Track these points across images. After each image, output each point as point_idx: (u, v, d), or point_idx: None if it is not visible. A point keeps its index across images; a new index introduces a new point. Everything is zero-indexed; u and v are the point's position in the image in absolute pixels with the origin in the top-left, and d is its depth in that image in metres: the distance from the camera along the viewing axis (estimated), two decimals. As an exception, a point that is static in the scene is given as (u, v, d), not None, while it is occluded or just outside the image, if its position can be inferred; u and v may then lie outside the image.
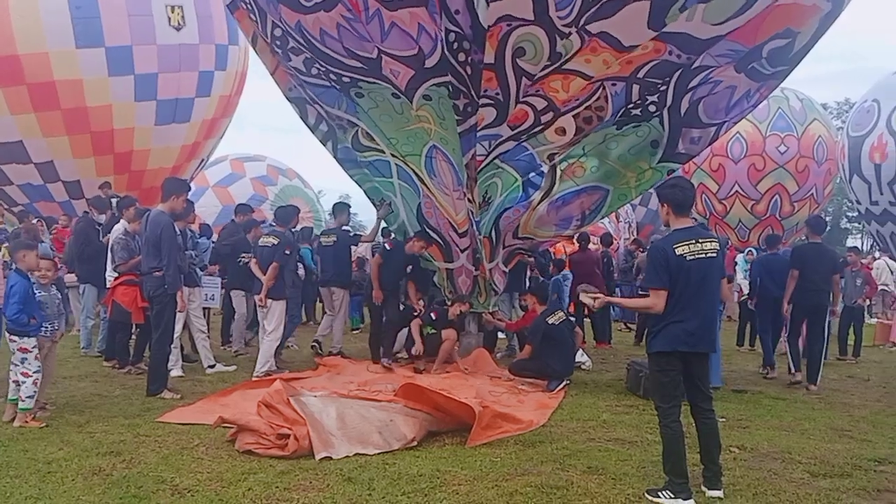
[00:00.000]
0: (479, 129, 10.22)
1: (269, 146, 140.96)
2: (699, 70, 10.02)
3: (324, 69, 10.78)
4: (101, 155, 17.87)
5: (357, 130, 11.60)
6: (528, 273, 14.37)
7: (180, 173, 19.12)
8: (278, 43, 11.00)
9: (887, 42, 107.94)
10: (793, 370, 11.71)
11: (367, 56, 10.14)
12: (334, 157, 12.50)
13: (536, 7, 8.86)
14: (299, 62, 11.04)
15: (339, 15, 9.73)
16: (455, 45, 9.31)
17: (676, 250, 5.96)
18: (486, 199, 11.57)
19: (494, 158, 11.01)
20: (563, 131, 10.59)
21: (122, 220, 11.22)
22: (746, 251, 19.47)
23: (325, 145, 12.43)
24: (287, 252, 11.15)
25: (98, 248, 12.16)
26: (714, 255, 6.04)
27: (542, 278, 14.44)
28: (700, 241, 6.01)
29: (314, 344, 12.94)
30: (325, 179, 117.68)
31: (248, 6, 10.99)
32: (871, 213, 23.95)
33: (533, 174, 11.62)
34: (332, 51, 10.33)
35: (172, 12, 17.35)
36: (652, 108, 10.60)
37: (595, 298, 6.85)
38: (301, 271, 12.96)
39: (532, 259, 13.84)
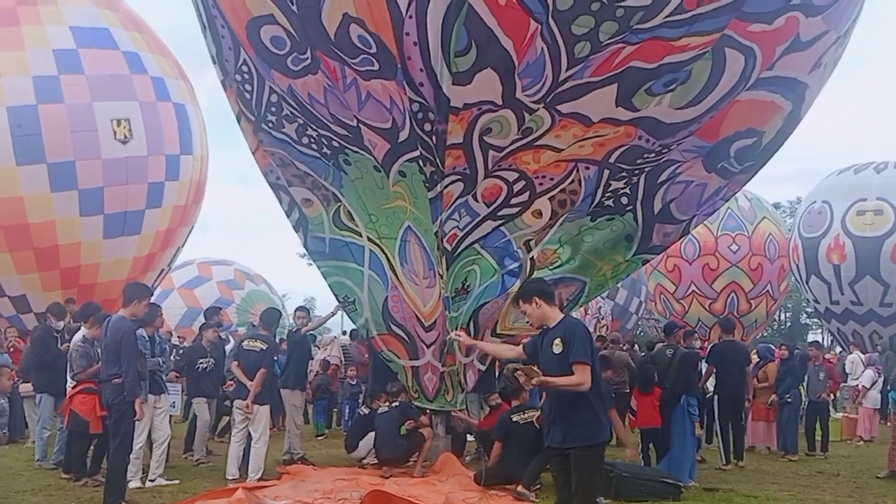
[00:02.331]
0: (449, 205, 10.26)
1: (235, 249, 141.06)
2: (668, 164, 10.29)
3: (315, 135, 10.85)
4: (46, 270, 17.47)
5: (340, 207, 11.56)
6: (497, 372, 14.08)
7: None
8: (273, 109, 11.02)
9: (836, 142, 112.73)
10: (723, 459, 12.87)
11: (350, 124, 10.29)
12: (304, 245, 12.44)
13: (505, 91, 8.99)
14: (292, 130, 11.08)
15: (323, 79, 9.93)
16: (420, 116, 9.43)
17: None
18: (466, 286, 11.40)
19: (473, 243, 10.92)
20: (539, 214, 10.66)
21: (82, 328, 10.87)
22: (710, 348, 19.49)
23: (297, 232, 12.30)
24: (275, 358, 10.96)
25: (55, 355, 11.88)
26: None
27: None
28: None
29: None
30: (290, 283, 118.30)
31: (245, 76, 10.98)
32: (831, 311, 24.80)
33: (510, 262, 11.46)
34: (321, 116, 10.47)
35: (118, 126, 17.17)
36: (624, 201, 10.77)
37: (530, 376, 6.51)
38: None
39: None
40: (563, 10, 8.40)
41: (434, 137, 9.56)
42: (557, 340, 6.28)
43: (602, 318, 25.21)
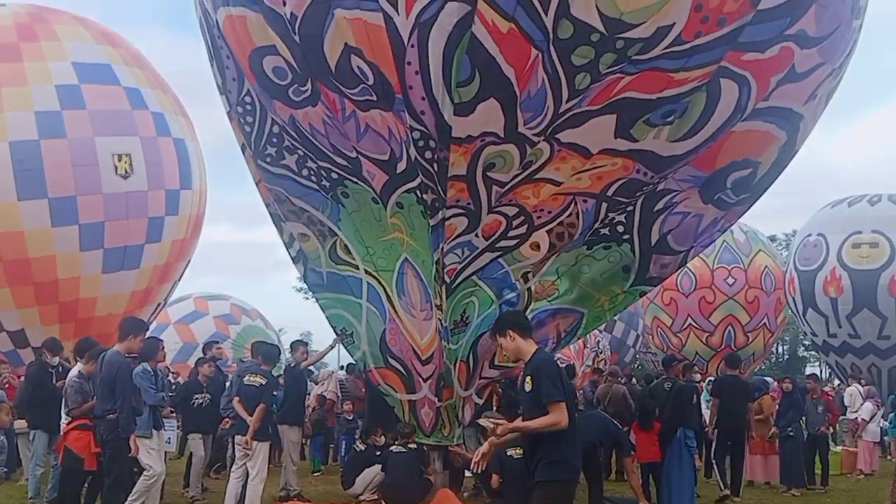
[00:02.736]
0: (451, 239, 10.25)
1: (231, 284, 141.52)
2: (663, 193, 10.29)
3: (315, 167, 10.89)
4: (45, 304, 17.47)
5: (336, 241, 11.55)
6: (494, 407, 14.05)
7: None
8: (275, 140, 11.06)
9: (830, 175, 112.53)
10: (721, 487, 13.20)
11: (349, 155, 10.33)
12: (303, 277, 12.42)
13: (507, 123, 9.02)
14: (292, 161, 11.11)
15: (322, 112, 9.97)
16: (421, 144, 9.44)
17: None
18: (464, 318, 11.40)
19: (472, 275, 10.90)
20: (537, 247, 10.64)
21: (78, 364, 10.86)
22: (707, 381, 19.52)
23: (295, 265, 12.35)
24: (274, 394, 10.94)
25: (51, 392, 11.84)
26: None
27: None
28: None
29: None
30: (286, 317, 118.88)
31: (247, 108, 11.04)
32: (829, 344, 24.83)
33: (508, 292, 11.38)
34: (322, 146, 10.49)
35: (119, 161, 17.24)
36: (620, 229, 10.78)
37: (496, 425, 6.49)
38: None
39: (500, 391, 13.50)
40: (563, 38, 8.44)
41: (436, 165, 9.59)
42: (528, 378, 6.26)
43: (601, 352, 25.27)
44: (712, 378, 20.77)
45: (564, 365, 18.30)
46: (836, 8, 9.65)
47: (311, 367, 16.44)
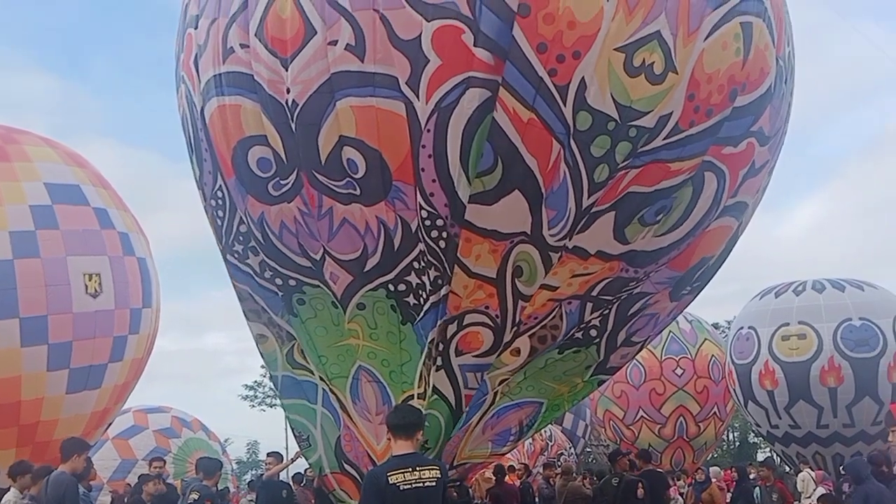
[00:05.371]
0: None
1: (176, 395, 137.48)
2: (640, 296, 10.68)
3: (273, 273, 10.85)
4: (4, 428, 17.16)
5: (294, 345, 11.47)
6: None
7: (89, 441, 18.47)
8: (241, 238, 11.00)
9: (753, 264, 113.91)
10: None
11: (314, 257, 10.29)
12: (273, 381, 12.41)
13: (534, 222, 9.24)
14: (255, 263, 11.05)
15: (296, 208, 9.95)
16: (427, 223, 9.43)
17: (390, 478, 5.83)
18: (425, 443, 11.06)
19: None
20: (517, 352, 10.67)
21: (12, 489, 10.66)
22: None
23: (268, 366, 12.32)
24: None
25: None
26: (433, 483, 5.92)
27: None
28: (418, 468, 5.93)
29: None
30: (231, 426, 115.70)
31: (218, 202, 11.02)
32: (773, 435, 25.22)
33: (478, 396, 11.39)
34: (287, 247, 10.43)
35: (90, 280, 17.29)
36: (593, 333, 10.99)
37: None
38: None
39: (454, 494, 13.57)
40: (582, 130, 8.74)
41: (443, 242, 9.51)
42: None
43: (553, 443, 25.47)
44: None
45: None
46: (781, 112, 10.53)
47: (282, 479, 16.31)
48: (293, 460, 15.03)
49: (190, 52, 10.68)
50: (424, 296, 9.95)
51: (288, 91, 9.36)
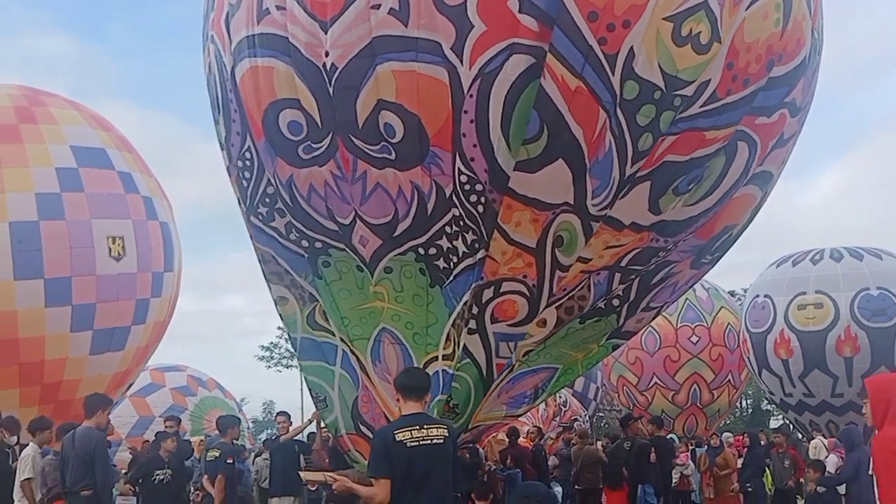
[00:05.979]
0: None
1: (192, 355, 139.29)
2: (665, 264, 10.70)
3: (300, 234, 10.85)
4: (28, 386, 17.45)
5: (315, 307, 11.46)
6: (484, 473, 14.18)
7: (111, 398, 18.78)
8: (267, 200, 10.99)
9: (773, 232, 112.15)
10: None
11: (342, 222, 10.29)
12: (291, 343, 12.42)
13: (577, 192, 9.23)
14: (281, 224, 11.05)
15: (328, 171, 9.93)
16: (467, 188, 9.43)
17: (397, 436, 5.81)
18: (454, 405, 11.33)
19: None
20: (543, 323, 10.68)
21: (31, 444, 10.78)
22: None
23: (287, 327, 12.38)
24: (229, 461, 11.07)
25: (6, 472, 11.29)
26: (441, 441, 5.83)
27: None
28: (426, 426, 5.88)
29: None
30: (248, 386, 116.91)
31: (246, 163, 10.99)
32: (786, 403, 25.28)
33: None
34: (315, 210, 10.43)
35: (113, 243, 17.49)
36: (615, 303, 11.04)
37: (334, 479, 6.41)
38: None
39: (467, 456, 13.60)
40: (629, 99, 8.69)
41: (481, 207, 9.50)
42: None
43: (567, 408, 25.55)
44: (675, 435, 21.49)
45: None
46: (812, 84, 10.54)
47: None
48: (310, 422, 15.12)
49: (221, 10, 10.56)
50: (455, 259, 9.94)
51: (326, 54, 9.28)
